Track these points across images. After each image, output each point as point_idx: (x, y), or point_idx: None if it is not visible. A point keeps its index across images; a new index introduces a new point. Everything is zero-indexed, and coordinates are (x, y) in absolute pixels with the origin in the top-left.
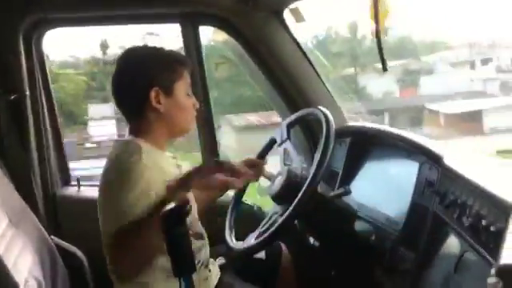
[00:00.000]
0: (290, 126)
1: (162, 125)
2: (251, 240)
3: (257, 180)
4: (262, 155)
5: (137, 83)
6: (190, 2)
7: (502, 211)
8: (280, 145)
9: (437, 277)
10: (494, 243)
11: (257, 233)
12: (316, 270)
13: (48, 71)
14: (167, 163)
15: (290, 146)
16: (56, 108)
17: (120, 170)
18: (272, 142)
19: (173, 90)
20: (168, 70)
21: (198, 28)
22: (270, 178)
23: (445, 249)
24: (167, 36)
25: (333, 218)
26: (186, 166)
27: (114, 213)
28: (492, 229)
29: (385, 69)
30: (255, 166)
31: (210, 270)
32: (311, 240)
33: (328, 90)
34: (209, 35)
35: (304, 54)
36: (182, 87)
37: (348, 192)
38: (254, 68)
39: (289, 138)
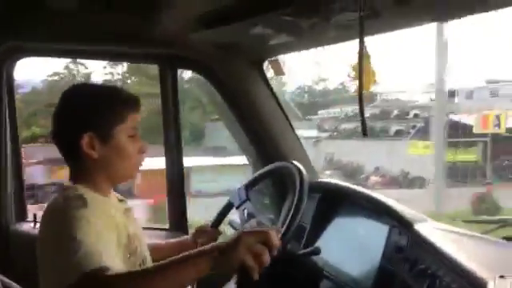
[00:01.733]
0: (248, 187)
1: (99, 171)
2: None
3: None
4: (218, 221)
5: (69, 126)
6: (170, 44)
7: (473, 287)
8: (238, 207)
9: None
10: None
11: None
12: None
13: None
14: (114, 209)
15: (251, 206)
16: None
17: (61, 219)
18: (229, 206)
19: (111, 134)
20: (108, 113)
21: (176, 71)
22: (237, 228)
23: None
24: None
25: (299, 276)
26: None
27: (68, 263)
28: None
29: (364, 133)
30: (208, 234)
31: None
32: None
33: (301, 145)
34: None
35: (280, 106)
36: (124, 131)
37: (318, 252)
38: (229, 115)
39: (248, 199)
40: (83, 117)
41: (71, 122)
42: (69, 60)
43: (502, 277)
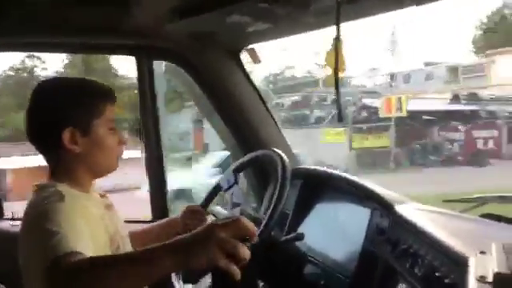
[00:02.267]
0: (236, 170)
1: (82, 166)
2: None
3: None
4: (207, 202)
5: (48, 124)
6: (145, 35)
7: (456, 264)
8: (226, 190)
9: None
10: None
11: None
12: None
13: None
14: (94, 205)
15: (238, 190)
16: None
17: (39, 212)
18: (217, 189)
19: (90, 128)
20: (85, 106)
21: (152, 62)
22: (219, 217)
23: None
24: None
25: (283, 262)
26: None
27: (45, 246)
28: (446, 281)
29: (340, 119)
30: (197, 213)
31: None
32: (260, 284)
33: (281, 132)
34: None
35: (259, 94)
36: (103, 124)
37: (301, 237)
38: (207, 105)
39: (236, 182)
40: (62, 112)
41: (50, 119)
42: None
43: (482, 252)
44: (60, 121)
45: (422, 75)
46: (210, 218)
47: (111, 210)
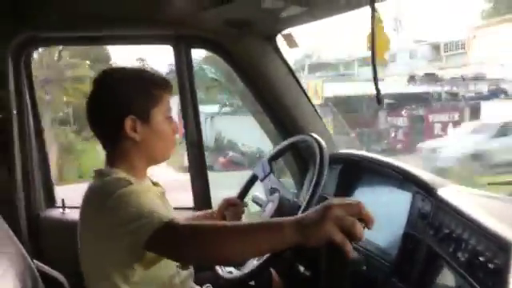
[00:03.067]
0: (271, 159)
1: (140, 153)
2: (245, 268)
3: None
4: (243, 193)
5: (110, 112)
6: (183, 24)
7: (501, 249)
8: (263, 180)
9: None
10: (492, 281)
11: (253, 260)
12: None
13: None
14: (154, 193)
15: (274, 179)
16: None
17: (115, 198)
18: (253, 179)
19: (150, 116)
20: (145, 95)
21: (190, 50)
22: (260, 203)
23: (439, 283)
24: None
25: (324, 247)
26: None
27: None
28: (490, 266)
29: (379, 101)
30: (235, 206)
31: None
32: (301, 269)
33: (320, 117)
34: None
35: (297, 80)
36: (161, 112)
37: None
38: (246, 92)
39: (272, 171)
40: (124, 101)
41: (112, 107)
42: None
43: None
44: (122, 109)
45: (407, 54)
46: (247, 210)
47: (164, 197)
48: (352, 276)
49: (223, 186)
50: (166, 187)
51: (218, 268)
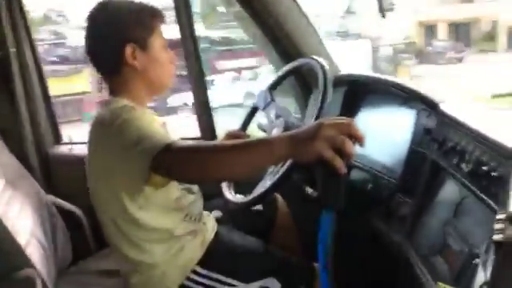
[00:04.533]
0: (271, 88)
1: (140, 82)
2: (254, 193)
3: None
4: (245, 125)
5: (110, 40)
6: None
7: (504, 157)
8: (264, 109)
9: (436, 222)
10: (495, 188)
11: (260, 186)
12: (313, 219)
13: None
14: (154, 120)
15: (276, 105)
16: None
17: (120, 122)
18: (254, 110)
19: (147, 44)
20: (141, 24)
21: None
22: (265, 129)
23: (443, 195)
24: None
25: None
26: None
27: (142, 145)
28: (493, 174)
29: (383, 15)
30: (238, 138)
31: (204, 223)
32: (309, 190)
33: (321, 41)
34: None
35: (297, 4)
36: (157, 41)
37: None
38: (246, 17)
39: (273, 99)
40: (123, 30)
41: (112, 36)
42: None
43: None
44: (122, 37)
45: None
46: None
47: (165, 128)
48: (358, 195)
49: None
50: None
51: (226, 193)
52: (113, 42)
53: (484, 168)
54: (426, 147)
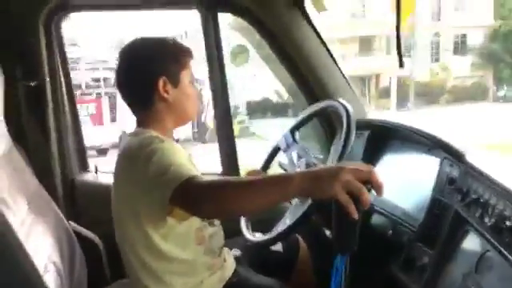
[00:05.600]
0: (293, 129)
1: (169, 114)
2: (273, 232)
3: None
4: (267, 165)
5: (145, 73)
6: None
7: None
8: (286, 150)
9: (456, 275)
10: None
11: (279, 225)
12: (331, 262)
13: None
14: (182, 152)
15: (299, 146)
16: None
17: (149, 151)
18: (275, 151)
19: (179, 79)
20: (174, 59)
21: (216, 15)
22: (287, 169)
23: (465, 247)
24: None
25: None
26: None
27: (165, 176)
28: None
29: (401, 65)
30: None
31: (224, 260)
32: (327, 233)
33: (348, 83)
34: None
35: (324, 44)
36: (187, 76)
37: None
38: (273, 58)
39: (295, 141)
40: (156, 64)
41: (146, 70)
42: None
43: None
44: (155, 71)
45: None
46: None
47: (191, 160)
48: (377, 240)
49: None
50: None
51: (244, 231)
52: (147, 76)
53: (507, 223)
54: (449, 197)
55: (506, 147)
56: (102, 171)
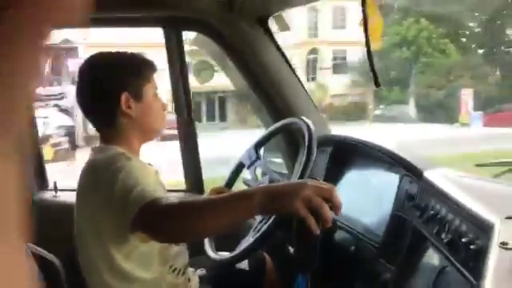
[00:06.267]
0: (257, 146)
1: (134, 130)
2: (237, 250)
3: None
4: (230, 181)
5: (107, 89)
6: (174, 6)
7: (482, 230)
8: (249, 167)
9: None
10: (473, 262)
11: (243, 243)
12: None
13: None
14: (147, 171)
15: (262, 163)
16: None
17: (114, 169)
18: (240, 167)
19: (142, 93)
20: (136, 74)
21: (181, 32)
22: (251, 185)
23: (424, 263)
24: None
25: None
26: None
27: (127, 198)
28: (472, 247)
29: (377, 85)
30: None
31: (189, 280)
32: (291, 250)
33: (311, 100)
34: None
35: (287, 62)
36: (150, 90)
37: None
38: (237, 75)
39: (258, 158)
40: (119, 79)
41: (108, 85)
42: None
43: (508, 218)
44: (118, 86)
45: None
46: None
47: (158, 177)
48: (341, 256)
49: None
50: None
51: (209, 251)
52: (109, 92)
53: (463, 240)
54: (409, 213)
55: None
56: (61, 189)
